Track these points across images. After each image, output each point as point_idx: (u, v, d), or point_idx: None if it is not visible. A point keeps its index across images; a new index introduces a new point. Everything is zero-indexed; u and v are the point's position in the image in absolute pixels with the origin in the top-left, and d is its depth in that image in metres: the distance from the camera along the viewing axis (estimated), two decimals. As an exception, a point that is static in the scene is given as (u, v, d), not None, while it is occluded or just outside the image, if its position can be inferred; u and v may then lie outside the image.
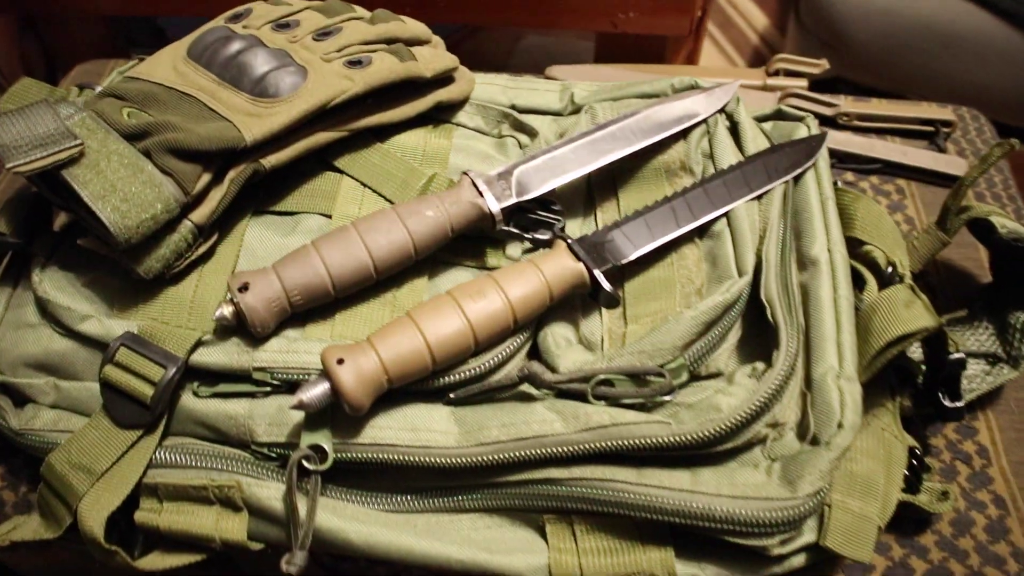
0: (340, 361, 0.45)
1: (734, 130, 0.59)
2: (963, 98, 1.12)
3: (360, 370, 0.45)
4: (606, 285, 0.49)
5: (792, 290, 0.50)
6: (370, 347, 0.46)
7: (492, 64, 0.63)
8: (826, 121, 0.68)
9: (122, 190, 0.47)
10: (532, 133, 0.59)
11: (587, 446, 0.45)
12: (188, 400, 0.49)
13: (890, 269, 0.51)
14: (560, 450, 0.46)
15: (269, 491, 0.48)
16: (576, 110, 0.62)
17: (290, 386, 0.49)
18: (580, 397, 0.48)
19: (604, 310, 0.53)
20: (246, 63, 0.53)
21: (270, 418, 0.48)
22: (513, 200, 0.52)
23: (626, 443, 0.45)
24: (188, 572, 0.50)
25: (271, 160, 0.52)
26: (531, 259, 0.50)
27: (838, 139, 0.66)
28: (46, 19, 0.89)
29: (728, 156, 0.56)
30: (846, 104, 0.68)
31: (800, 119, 0.60)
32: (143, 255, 0.49)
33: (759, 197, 0.55)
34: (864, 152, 0.65)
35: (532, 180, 0.53)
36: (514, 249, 0.54)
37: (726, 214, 0.54)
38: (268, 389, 0.49)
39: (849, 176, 0.67)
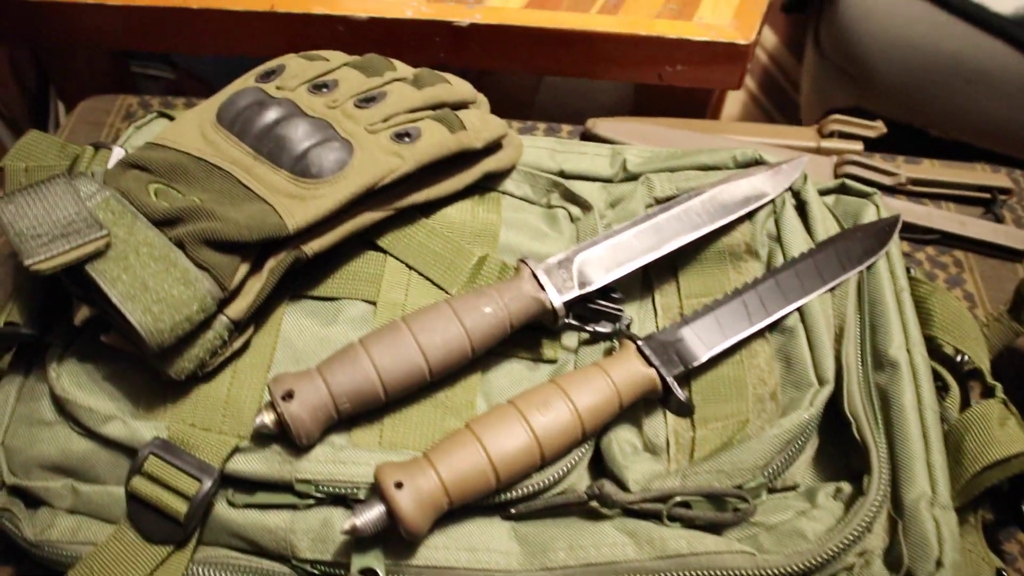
0: (399, 485, 0.41)
1: (801, 209, 0.55)
2: (984, 133, 1.10)
3: (420, 494, 0.41)
4: (680, 394, 0.46)
5: (875, 399, 0.47)
6: (429, 466, 0.42)
7: (516, 101, 0.58)
8: (881, 187, 0.65)
9: (154, 289, 0.42)
10: (586, 206, 0.55)
11: (663, 575, 0.42)
12: (222, 509, 0.45)
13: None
14: (634, 578, 0.42)
15: (313, 616, 0.44)
16: (628, 177, 0.58)
17: (336, 498, 0.45)
18: (652, 515, 0.44)
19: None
20: (285, 136, 0.49)
21: (314, 533, 0.44)
22: (575, 293, 0.49)
23: (706, 574, 0.42)
24: None
25: (313, 246, 0.47)
26: (599, 364, 0.46)
27: (893, 207, 0.63)
28: (48, 50, 0.84)
29: (797, 240, 0.53)
30: (902, 169, 0.64)
31: (867, 195, 0.57)
32: (175, 356, 0.44)
33: (832, 289, 0.52)
34: (922, 222, 0.62)
35: (595, 270, 0.50)
36: (570, 339, 0.51)
37: (799, 308, 0.50)
38: (311, 501, 0.45)
39: (905, 247, 0.64)
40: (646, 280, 0.54)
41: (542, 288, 0.48)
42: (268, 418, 0.44)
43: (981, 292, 0.62)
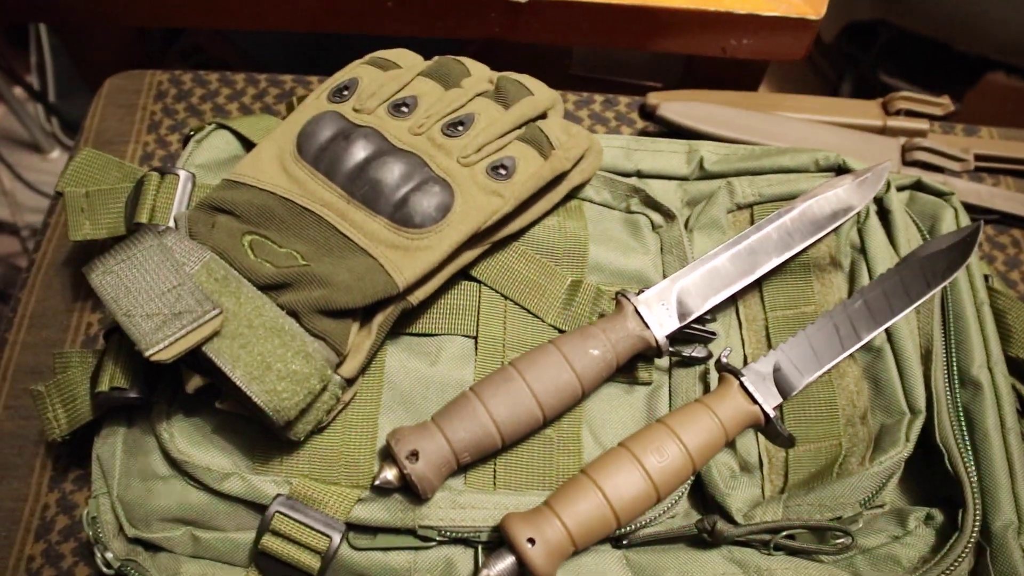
0: (531, 541, 0.43)
1: (884, 217, 0.55)
2: (1006, 46, 1.08)
3: (549, 546, 0.43)
4: (783, 431, 0.47)
5: (963, 424, 0.50)
6: (554, 516, 0.44)
7: (550, 66, 0.56)
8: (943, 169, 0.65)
9: (275, 367, 0.42)
10: (669, 215, 0.55)
11: (770, 604, 0.46)
12: (344, 551, 0.47)
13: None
14: (744, 607, 0.46)
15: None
16: (704, 176, 0.58)
17: (456, 539, 0.47)
18: (756, 543, 0.47)
19: (759, 429, 0.51)
20: (380, 180, 0.47)
21: (438, 571, 0.47)
22: (676, 326, 0.49)
23: (810, 602, 0.45)
24: None
25: (418, 295, 0.47)
26: (704, 402, 0.48)
27: (955, 187, 0.63)
28: (69, 29, 0.76)
29: (881, 252, 0.54)
30: (972, 157, 0.64)
31: (943, 195, 0.57)
32: (294, 422, 0.44)
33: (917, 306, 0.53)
34: (983, 203, 0.63)
35: (693, 299, 0.50)
36: (663, 361, 0.52)
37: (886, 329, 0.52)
38: (433, 544, 0.47)
39: (963, 225, 0.64)
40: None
41: (646, 326, 0.48)
42: (391, 474, 0.45)
43: (1038, 273, 0.64)
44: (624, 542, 0.47)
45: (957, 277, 0.54)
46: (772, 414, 0.48)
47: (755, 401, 0.48)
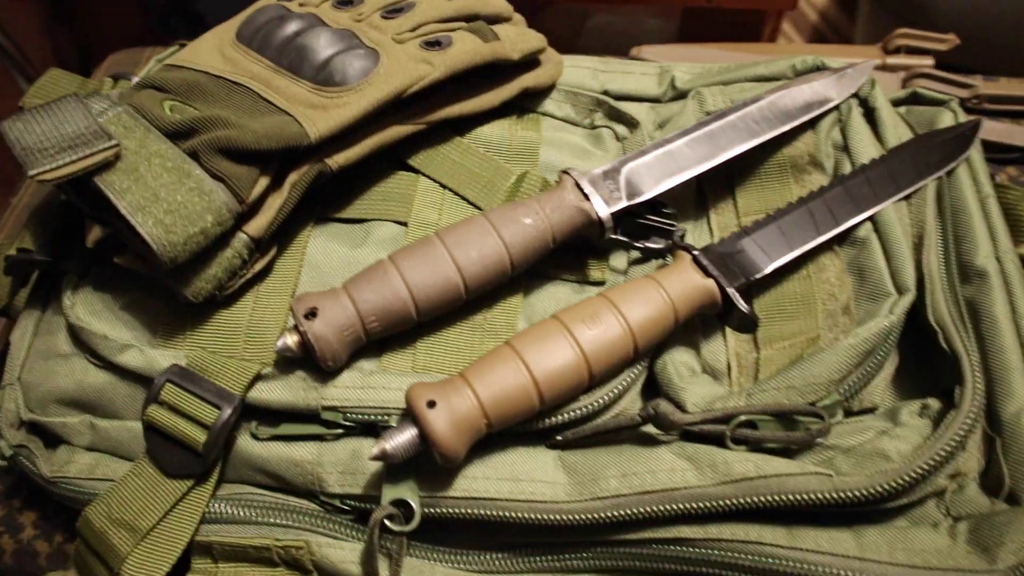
0: (431, 404, 0.38)
1: (870, 117, 0.50)
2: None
3: (455, 414, 0.38)
4: (741, 305, 0.41)
5: (963, 310, 0.42)
6: (465, 385, 0.39)
7: (558, 45, 0.54)
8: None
9: (166, 199, 0.39)
10: (632, 123, 0.51)
11: (728, 502, 0.38)
12: (245, 443, 0.42)
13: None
14: (695, 506, 0.38)
15: (343, 553, 0.40)
16: (677, 96, 0.54)
17: (365, 427, 0.41)
18: (714, 439, 0.40)
19: (729, 331, 0.45)
20: (307, 46, 0.45)
21: (343, 465, 0.41)
22: (623, 204, 0.45)
23: (776, 500, 0.37)
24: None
25: (338, 160, 0.44)
26: (651, 276, 0.42)
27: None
28: (77, 7, 0.82)
29: (867, 148, 0.48)
30: (981, 85, 0.59)
31: (942, 103, 0.52)
32: (191, 275, 0.41)
33: (908, 197, 0.47)
34: (1003, 140, 0.57)
35: (644, 180, 0.45)
36: (619, 259, 0.47)
37: (871, 217, 0.45)
38: (340, 431, 0.41)
39: (984, 167, 0.58)
40: (700, 198, 0.50)
41: (586, 198, 0.44)
42: (291, 340, 0.40)
43: (1071, 213, 0.56)
44: (559, 438, 0.41)
45: (958, 173, 0.47)
46: (729, 290, 0.41)
47: (709, 275, 0.42)
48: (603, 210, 0.44)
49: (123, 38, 0.72)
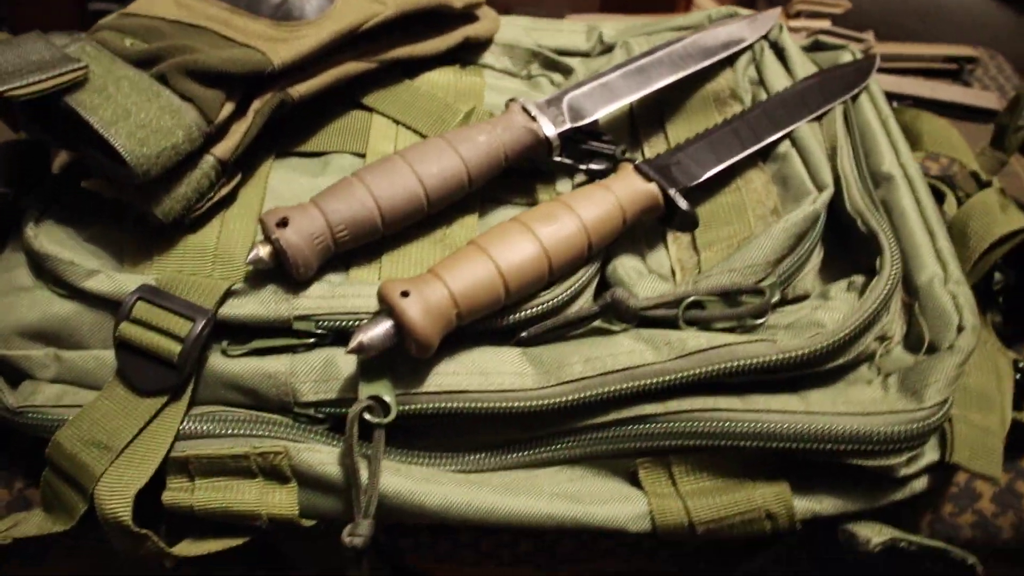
0: (405, 294, 0.40)
1: (781, 56, 0.56)
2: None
3: (428, 303, 0.40)
4: (682, 203, 0.45)
5: (876, 202, 0.47)
6: (435, 278, 0.41)
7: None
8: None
9: (137, 116, 0.41)
10: (567, 71, 0.55)
11: (685, 374, 0.41)
12: (217, 361, 0.43)
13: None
14: (655, 381, 0.41)
15: (321, 455, 0.41)
16: (605, 49, 0.59)
17: (337, 336, 0.43)
18: (666, 324, 0.43)
19: (670, 241, 0.49)
20: (263, -12, 0.48)
21: (316, 373, 0.42)
22: (568, 125, 0.48)
23: (728, 366, 0.41)
24: (223, 565, 0.44)
25: (299, 89, 0.46)
26: (599, 183, 0.46)
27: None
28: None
29: (780, 80, 0.53)
30: (872, 40, 0.66)
31: (842, 47, 0.58)
32: (161, 194, 0.43)
33: (819, 118, 0.52)
34: (894, 90, 0.63)
35: (585, 105, 0.49)
36: (564, 185, 0.50)
37: (789, 135, 0.50)
38: (311, 341, 0.43)
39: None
40: (633, 130, 0.54)
41: (534, 120, 0.47)
42: (263, 251, 0.42)
43: (958, 151, 0.63)
44: (523, 335, 0.43)
45: (860, 101, 0.53)
46: (670, 191, 0.45)
47: (651, 179, 0.45)
48: (550, 130, 0.47)
49: (50, 21, 0.73)
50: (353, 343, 0.39)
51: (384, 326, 0.40)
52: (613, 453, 0.43)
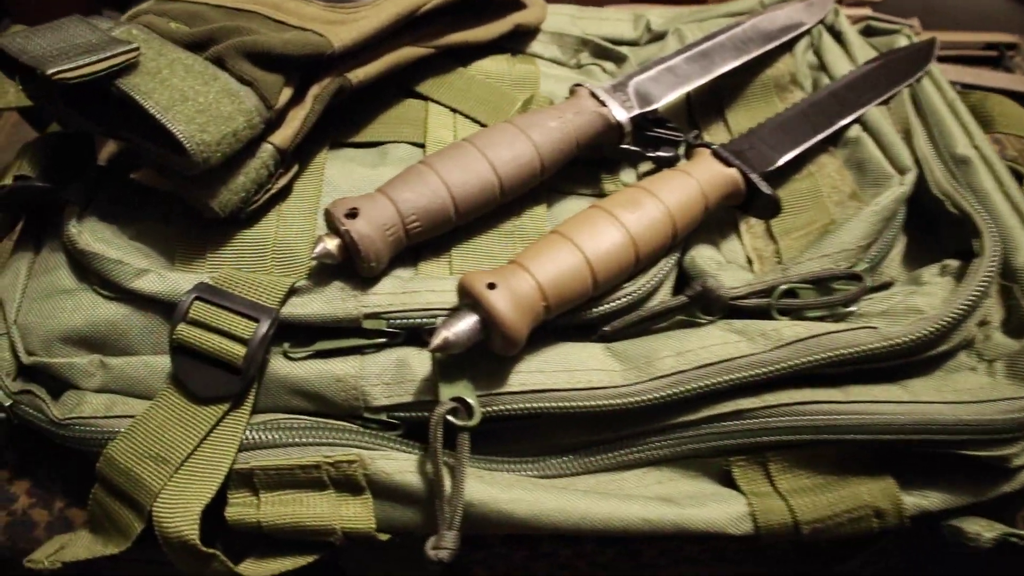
0: (491, 286, 0.37)
1: (839, 40, 0.54)
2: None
3: (516, 295, 0.37)
4: (765, 188, 0.43)
5: (964, 184, 0.46)
6: (520, 268, 0.38)
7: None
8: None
9: (195, 100, 0.38)
10: (619, 59, 0.53)
11: (784, 365, 0.39)
12: (279, 365, 0.40)
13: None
14: (753, 373, 0.39)
15: (399, 463, 0.38)
16: (654, 38, 0.57)
17: (409, 334, 0.40)
18: (757, 314, 0.41)
19: (743, 230, 0.47)
20: (313, -29, 0.45)
21: (388, 375, 0.39)
22: (637, 111, 0.46)
23: (830, 355, 0.39)
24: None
25: (358, 74, 0.44)
26: (678, 168, 0.43)
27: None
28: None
29: (841, 63, 0.52)
30: (919, 26, 0.65)
31: (896, 31, 0.57)
32: (218, 185, 0.40)
33: (886, 102, 0.50)
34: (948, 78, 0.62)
35: (652, 90, 0.47)
36: (629, 175, 0.48)
37: (859, 119, 0.49)
38: (381, 341, 0.40)
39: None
40: (691, 119, 0.52)
41: (603, 105, 0.45)
42: (331, 243, 0.39)
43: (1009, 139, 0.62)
44: (606, 329, 0.41)
45: (922, 85, 0.52)
46: (752, 175, 0.43)
47: (731, 164, 0.43)
48: (621, 115, 0.45)
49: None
50: (437, 340, 0.36)
51: (470, 320, 0.37)
52: (706, 452, 0.40)
